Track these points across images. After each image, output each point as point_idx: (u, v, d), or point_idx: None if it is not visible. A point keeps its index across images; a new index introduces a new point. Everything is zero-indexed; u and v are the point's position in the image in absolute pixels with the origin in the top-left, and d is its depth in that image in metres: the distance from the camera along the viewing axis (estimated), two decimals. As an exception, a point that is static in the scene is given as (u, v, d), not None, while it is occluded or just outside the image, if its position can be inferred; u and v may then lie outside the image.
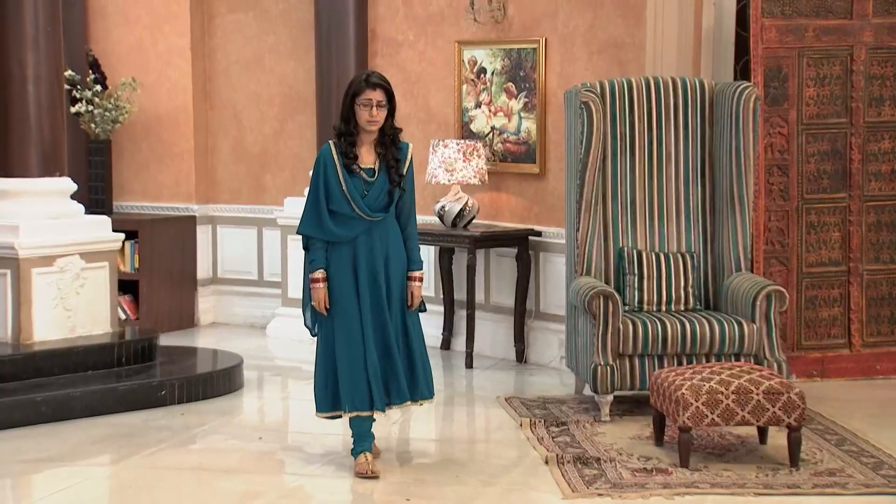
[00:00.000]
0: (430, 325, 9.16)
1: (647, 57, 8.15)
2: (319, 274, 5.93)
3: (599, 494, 5.76)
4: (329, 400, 5.98)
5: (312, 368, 6.11)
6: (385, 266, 6.02)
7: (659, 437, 6.54)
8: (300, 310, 6.22)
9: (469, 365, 8.63)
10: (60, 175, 8.03)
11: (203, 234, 10.36)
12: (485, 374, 8.50)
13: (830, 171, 8.17)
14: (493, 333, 9.01)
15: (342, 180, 5.92)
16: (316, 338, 6.09)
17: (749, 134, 7.40)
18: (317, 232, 5.96)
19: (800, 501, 5.67)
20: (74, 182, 8.40)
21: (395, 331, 6.04)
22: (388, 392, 5.96)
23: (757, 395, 6.08)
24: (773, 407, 6.08)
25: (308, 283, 5.98)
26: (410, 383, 6.05)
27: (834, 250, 8.21)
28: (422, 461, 6.08)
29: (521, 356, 8.80)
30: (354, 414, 5.90)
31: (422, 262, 6.28)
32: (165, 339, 9.05)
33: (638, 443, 6.60)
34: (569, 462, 6.24)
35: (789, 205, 8.11)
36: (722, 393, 6.09)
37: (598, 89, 7.58)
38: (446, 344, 9.18)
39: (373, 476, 5.87)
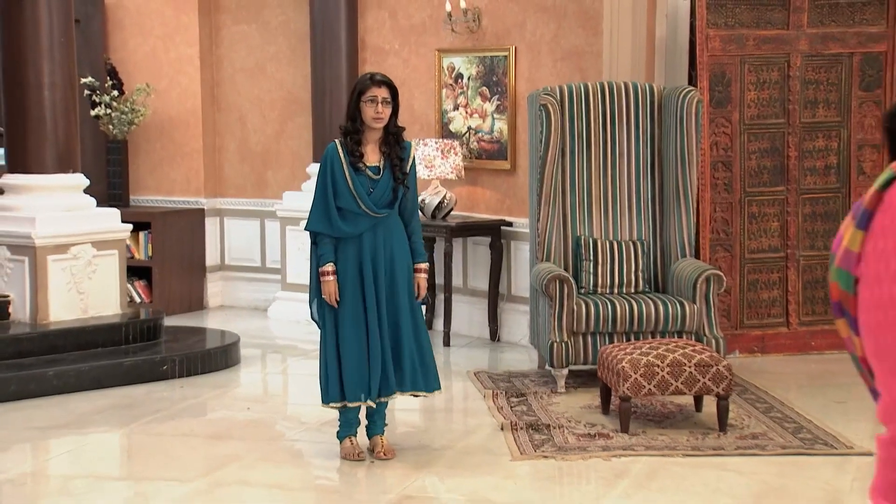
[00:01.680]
0: (414, 307, 9.33)
1: (604, 64, 8.12)
2: (329, 267, 5.62)
3: (545, 456, 5.87)
4: (338, 390, 5.65)
5: (307, 347, 6.03)
6: (391, 261, 5.75)
7: (605, 406, 6.63)
8: (297, 293, 5.97)
9: (447, 343, 8.68)
10: (74, 172, 8.03)
11: (211, 225, 10.37)
12: (461, 351, 8.57)
13: (770, 167, 8.19)
14: (469, 314, 9.05)
15: (349, 178, 5.65)
16: (321, 330, 5.75)
17: (692, 133, 7.44)
18: (325, 228, 5.67)
19: (722, 462, 5.77)
20: (95, 178, 8.52)
21: (403, 323, 5.74)
22: (390, 382, 5.64)
23: (689, 367, 6.19)
24: (704, 378, 6.19)
25: (317, 276, 5.67)
26: (420, 373, 5.76)
27: (773, 238, 8.23)
28: (390, 427, 6.14)
29: (494, 335, 8.83)
30: (356, 403, 5.64)
31: (425, 255, 6.05)
32: (176, 321, 9.16)
33: (587, 411, 6.69)
34: (521, 428, 6.35)
35: (733, 197, 8.14)
36: (658, 366, 6.20)
37: (557, 93, 7.62)
38: (428, 324, 9.10)
39: (359, 458, 5.71)
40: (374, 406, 5.70)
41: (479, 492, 5.42)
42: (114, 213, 8.27)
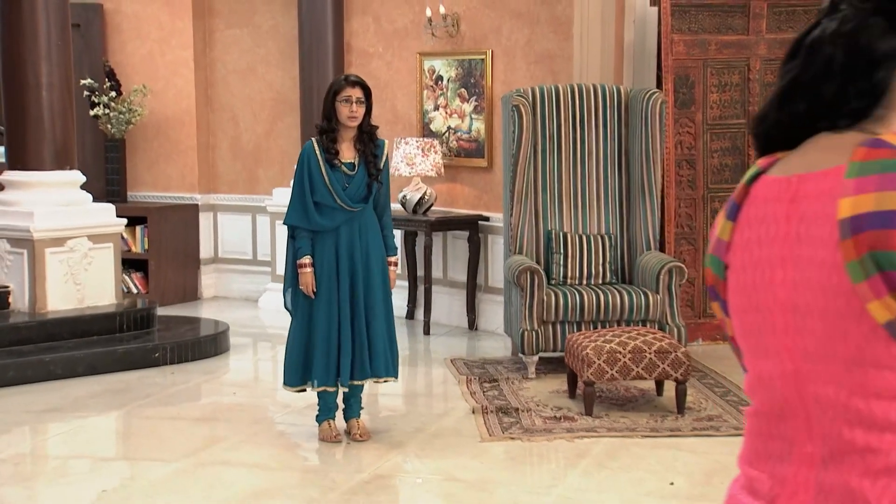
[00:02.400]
0: (397, 298, 9.22)
1: (575, 67, 8.15)
2: (307, 259, 5.65)
3: (512, 438, 5.94)
4: (299, 375, 5.73)
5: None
6: (366, 254, 5.76)
7: (572, 391, 6.70)
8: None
9: (427, 332, 8.71)
10: (71, 168, 8.05)
11: (205, 219, 10.38)
12: (440, 339, 8.60)
13: (731, 165, 8.23)
14: (448, 305, 9.10)
15: (325, 174, 5.67)
16: (293, 318, 5.81)
17: (656, 133, 7.49)
18: (303, 222, 5.70)
19: (679, 442, 5.85)
20: (95, 175, 8.53)
21: (376, 313, 5.77)
22: (364, 367, 5.68)
23: (649, 353, 6.27)
24: (663, 364, 6.27)
25: (293, 268, 5.70)
26: (391, 360, 5.81)
27: None
28: (368, 411, 6.20)
29: (472, 324, 8.88)
30: (323, 388, 5.69)
31: (397, 248, 6.09)
32: (171, 311, 9.19)
33: (555, 396, 6.76)
34: (491, 412, 6.42)
35: (696, 193, 8.17)
36: (620, 352, 6.27)
37: (530, 94, 7.67)
38: (410, 314, 9.29)
39: (336, 440, 5.77)
40: (346, 390, 5.78)
41: (448, 471, 5.49)
42: (109, 208, 8.28)
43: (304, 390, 5.82)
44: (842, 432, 1.59)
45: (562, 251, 7.58)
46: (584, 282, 7.52)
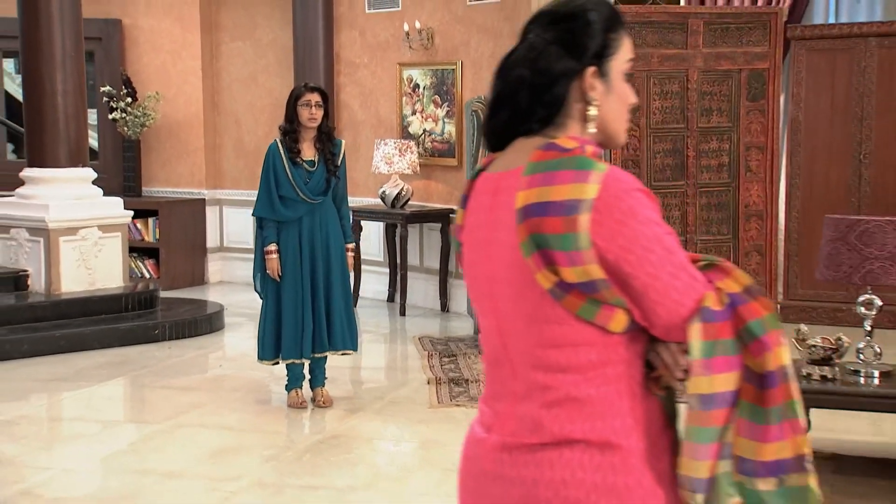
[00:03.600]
0: (379, 283, 9.51)
1: None
2: (273, 247, 5.78)
3: (458, 405, 6.09)
4: (273, 350, 5.88)
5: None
6: (325, 241, 5.87)
7: None
8: None
9: (402, 313, 8.82)
10: (83, 166, 8.19)
11: (211, 212, 10.51)
12: (414, 320, 8.71)
13: (672, 165, 8.25)
14: (424, 289, 9.22)
15: (288, 171, 5.76)
16: (263, 300, 5.91)
17: None
18: (269, 213, 5.82)
19: None
20: (113, 172, 8.65)
21: (335, 293, 5.88)
22: (324, 341, 5.82)
23: None
24: None
25: (261, 255, 5.80)
26: (348, 335, 5.95)
27: (675, 225, 8.24)
28: (336, 381, 6.36)
29: (444, 306, 8.99)
30: (290, 361, 5.85)
31: (353, 236, 6.11)
32: (180, 294, 9.39)
33: None
34: (444, 382, 6.56)
35: None
36: None
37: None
38: (391, 297, 9.40)
39: (301, 407, 5.94)
40: (311, 361, 5.95)
41: (396, 432, 5.69)
42: (117, 202, 8.42)
43: (277, 363, 5.99)
44: (530, 375, 1.83)
45: None
46: None
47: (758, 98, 8.29)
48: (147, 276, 10.01)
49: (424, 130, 9.24)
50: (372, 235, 9.53)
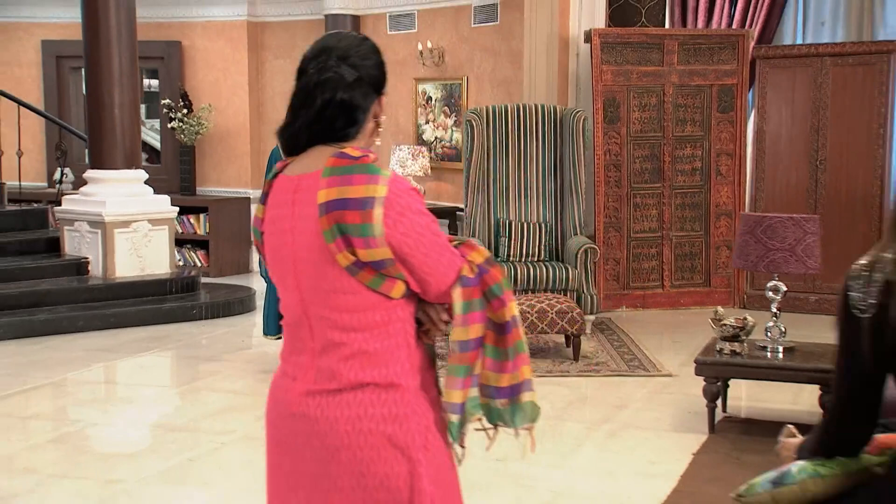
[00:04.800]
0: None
1: (525, 90, 8.49)
2: None
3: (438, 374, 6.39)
4: (275, 326, 6.09)
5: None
6: None
7: None
8: None
9: None
10: (136, 168, 8.55)
11: (255, 209, 10.87)
12: None
13: (650, 169, 8.45)
14: None
15: None
16: (267, 283, 6.05)
17: (580, 144, 7.77)
18: None
19: (563, 380, 6.20)
20: (172, 174, 8.91)
21: None
22: None
23: (551, 313, 6.64)
24: (562, 321, 6.62)
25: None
26: None
27: (652, 222, 8.49)
28: None
29: None
30: None
31: None
32: (225, 280, 9.75)
33: None
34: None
35: (621, 191, 8.41)
36: (529, 312, 6.64)
37: (483, 112, 7.96)
38: (408, 285, 9.73)
39: None
40: None
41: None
42: (165, 199, 8.74)
43: (280, 338, 6.22)
44: (328, 334, 2.12)
45: (507, 235, 7.89)
46: (523, 259, 7.82)
47: (727, 110, 8.49)
48: (198, 264, 10.43)
49: (436, 138, 9.54)
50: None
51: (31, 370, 6.52)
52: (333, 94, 2.14)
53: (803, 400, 5.71)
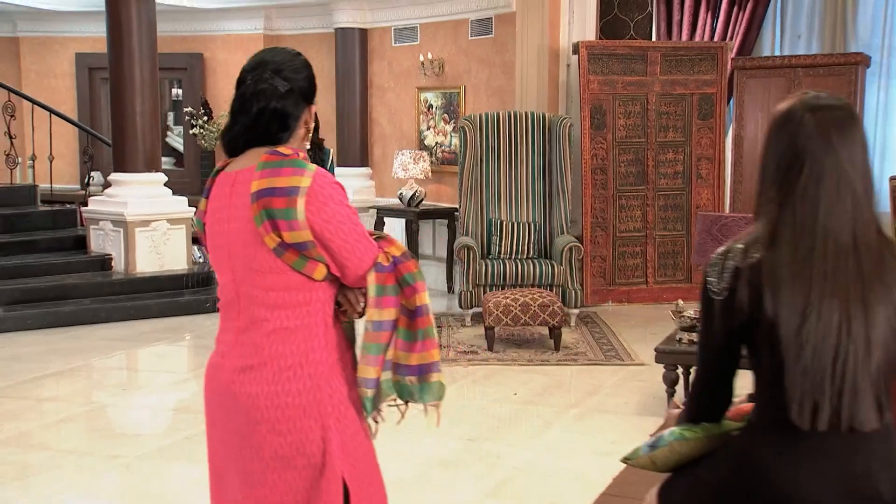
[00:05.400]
0: (401, 269, 9.99)
1: (517, 99, 8.61)
2: None
3: None
4: None
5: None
6: None
7: (489, 336, 7.24)
8: None
9: None
10: (156, 171, 8.73)
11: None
12: None
13: (634, 172, 8.56)
14: (435, 273, 9.57)
15: None
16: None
17: (567, 148, 7.92)
18: None
19: (543, 369, 6.35)
20: (193, 176, 9.03)
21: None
22: None
23: (534, 307, 6.80)
24: (544, 314, 6.79)
25: None
26: None
27: (636, 222, 8.59)
28: None
29: (450, 288, 9.34)
30: None
31: None
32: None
33: (476, 338, 7.24)
34: (422, 346, 7.02)
35: (607, 193, 8.51)
36: (512, 306, 6.81)
37: (476, 119, 8.16)
38: (411, 281, 9.87)
39: None
40: None
41: (368, 384, 6.15)
42: (182, 200, 8.90)
43: None
44: (254, 312, 2.26)
45: (499, 234, 8.05)
46: (513, 256, 7.95)
47: (707, 117, 8.60)
48: (218, 261, 10.63)
49: (436, 143, 9.70)
50: (396, 229, 10.01)
51: (54, 357, 6.74)
52: (268, 103, 2.28)
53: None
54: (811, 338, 1.97)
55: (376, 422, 2.36)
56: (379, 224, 9.50)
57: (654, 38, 9.15)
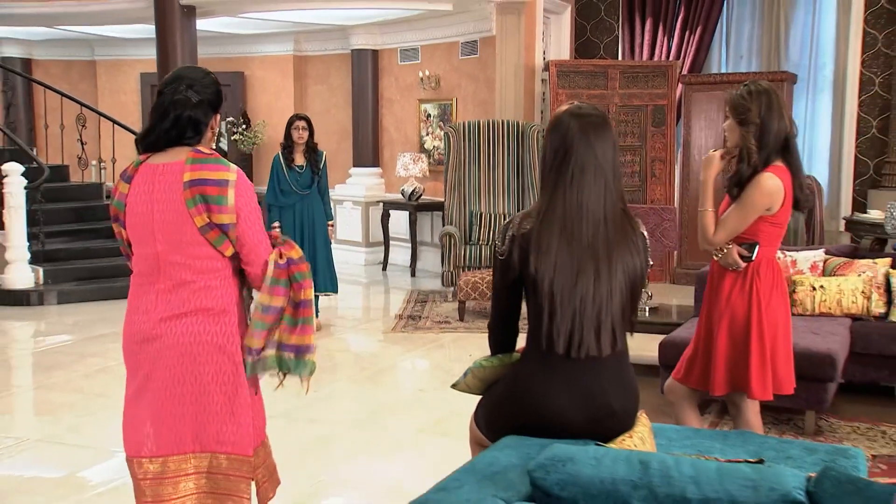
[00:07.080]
0: (405, 255, 10.24)
1: (497, 109, 8.80)
2: (277, 224, 6.44)
3: (403, 330, 6.72)
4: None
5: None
6: (312, 220, 6.46)
7: (461, 309, 7.47)
8: (343, 245, 6.44)
9: (413, 274, 9.47)
10: None
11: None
12: (421, 279, 9.24)
13: None
14: (433, 258, 9.76)
15: (286, 172, 6.46)
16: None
17: (536, 151, 8.09)
18: (274, 201, 6.51)
19: None
20: None
21: (319, 254, 6.45)
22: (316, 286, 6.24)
23: None
24: None
25: (269, 229, 6.47)
26: (329, 281, 6.54)
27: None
28: (333, 316, 7.00)
29: None
30: None
31: (332, 215, 6.72)
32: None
33: (452, 311, 7.40)
34: (405, 317, 7.24)
35: None
36: (480, 282, 6.98)
37: (461, 126, 8.37)
38: (412, 265, 10.17)
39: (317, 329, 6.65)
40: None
41: (351, 344, 6.45)
42: None
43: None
44: (181, 275, 2.48)
45: (479, 223, 8.25)
46: (490, 242, 8.11)
47: (660, 125, 8.77)
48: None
49: (434, 146, 9.95)
50: (401, 221, 10.26)
51: (100, 323, 7.11)
52: (183, 111, 2.51)
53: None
54: (580, 288, 2.28)
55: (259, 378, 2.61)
56: (385, 216, 9.79)
57: (619, 58, 9.35)
